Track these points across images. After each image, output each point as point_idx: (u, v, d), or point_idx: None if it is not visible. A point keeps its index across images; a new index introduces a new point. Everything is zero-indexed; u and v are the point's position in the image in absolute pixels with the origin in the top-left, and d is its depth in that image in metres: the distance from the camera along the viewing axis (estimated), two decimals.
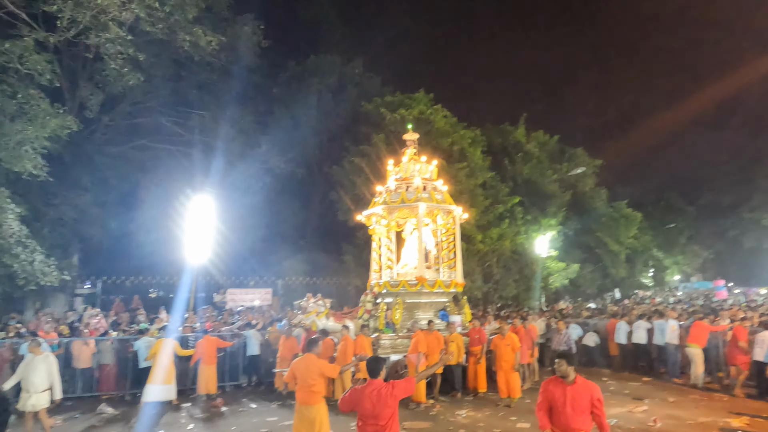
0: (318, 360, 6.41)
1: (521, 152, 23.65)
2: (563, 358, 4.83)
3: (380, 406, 4.55)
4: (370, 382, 4.77)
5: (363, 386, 4.71)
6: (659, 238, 37.59)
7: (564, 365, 4.73)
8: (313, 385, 6.22)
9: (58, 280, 13.89)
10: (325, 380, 6.47)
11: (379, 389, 4.64)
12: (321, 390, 6.34)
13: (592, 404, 4.66)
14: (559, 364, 4.78)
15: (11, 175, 13.99)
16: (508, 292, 19.47)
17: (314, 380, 6.23)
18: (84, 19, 13.29)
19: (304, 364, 6.30)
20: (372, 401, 4.59)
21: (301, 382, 6.25)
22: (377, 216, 12.96)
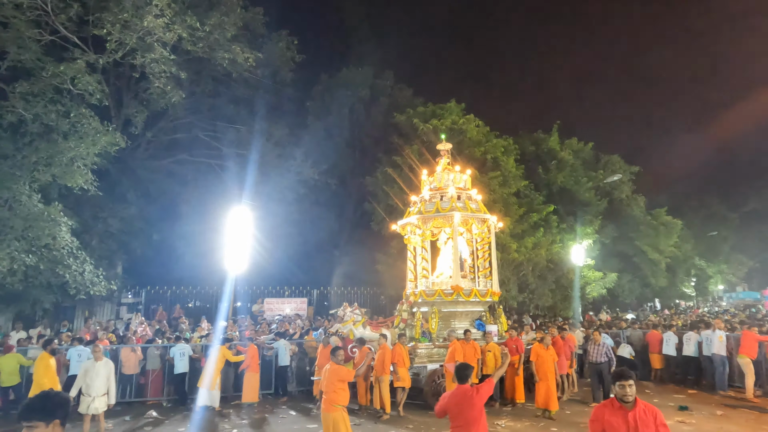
0: (336, 366, 6.60)
1: (555, 160, 23.38)
2: (629, 378, 4.08)
3: (467, 408, 4.85)
4: (458, 387, 5.05)
5: (452, 391, 5.04)
6: (701, 246, 36.37)
7: (632, 386, 4.04)
8: (332, 392, 6.41)
9: (105, 289, 14.51)
10: (344, 388, 6.55)
11: (465, 392, 4.94)
12: (338, 399, 6.44)
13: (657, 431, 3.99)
14: (624, 385, 4.04)
15: (63, 189, 14.77)
16: (544, 302, 19.19)
17: (334, 388, 6.42)
18: (131, 40, 13.97)
19: (327, 373, 6.55)
20: (460, 404, 4.91)
21: (324, 390, 6.51)
22: (412, 226, 13.06)
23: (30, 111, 12.95)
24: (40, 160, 13.15)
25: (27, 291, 14.11)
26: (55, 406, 2.72)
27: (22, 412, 2.67)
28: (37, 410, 2.66)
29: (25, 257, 12.71)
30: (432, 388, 10.82)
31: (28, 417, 2.64)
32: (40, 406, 2.68)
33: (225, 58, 16.84)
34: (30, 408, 2.67)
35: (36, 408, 2.67)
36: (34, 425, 2.63)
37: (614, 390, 4.13)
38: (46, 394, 2.79)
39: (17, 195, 12.95)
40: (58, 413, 2.72)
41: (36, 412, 2.65)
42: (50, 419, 2.68)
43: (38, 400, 2.72)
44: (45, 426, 2.66)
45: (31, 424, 2.63)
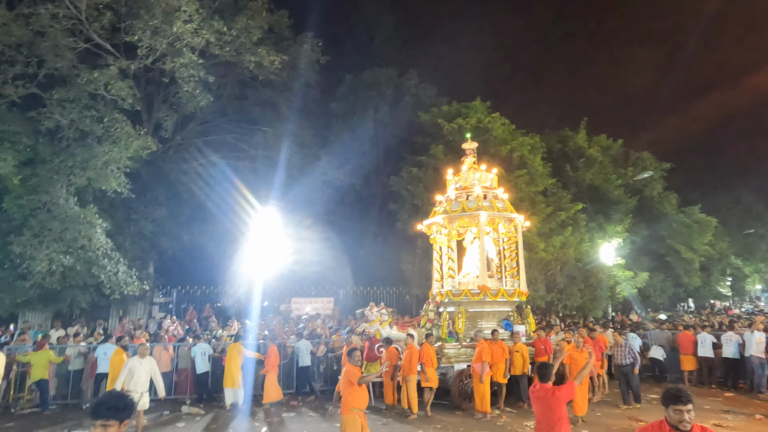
0: (350, 367, 6.58)
1: (583, 158, 22.97)
2: (688, 402, 3.41)
3: (547, 409, 4.90)
4: (541, 386, 5.07)
5: (536, 389, 5.08)
6: (737, 244, 35.14)
7: (691, 412, 3.40)
8: (346, 394, 6.40)
9: (139, 289, 14.92)
10: (357, 390, 6.45)
11: (545, 392, 4.96)
12: (351, 401, 6.36)
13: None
14: (681, 411, 3.38)
15: (97, 192, 15.25)
16: (572, 302, 18.87)
17: (345, 389, 6.43)
18: (161, 46, 14.32)
19: (342, 374, 6.63)
20: (540, 404, 4.97)
21: (341, 392, 6.58)
22: (438, 225, 13.03)
23: (66, 117, 13.43)
24: (76, 165, 13.62)
25: (64, 291, 14.60)
26: (127, 405, 2.81)
27: (96, 409, 2.73)
28: (113, 409, 2.72)
29: (63, 258, 13.19)
30: (459, 389, 10.78)
31: (104, 415, 2.70)
32: (116, 406, 2.75)
33: (251, 61, 17.09)
34: (106, 406, 2.73)
35: (112, 407, 2.73)
36: (110, 423, 2.70)
37: (668, 414, 3.44)
38: (120, 395, 2.88)
39: (55, 198, 13.45)
40: (129, 413, 2.80)
41: (112, 410, 2.72)
42: (123, 418, 2.78)
43: (114, 399, 2.79)
44: (118, 425, 2.74)
45: (108, 423, 2.70)
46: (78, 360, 11.83)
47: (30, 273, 13.12)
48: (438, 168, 18.42)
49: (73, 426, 9.40)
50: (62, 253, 13.18)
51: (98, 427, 2.71)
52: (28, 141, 13.75)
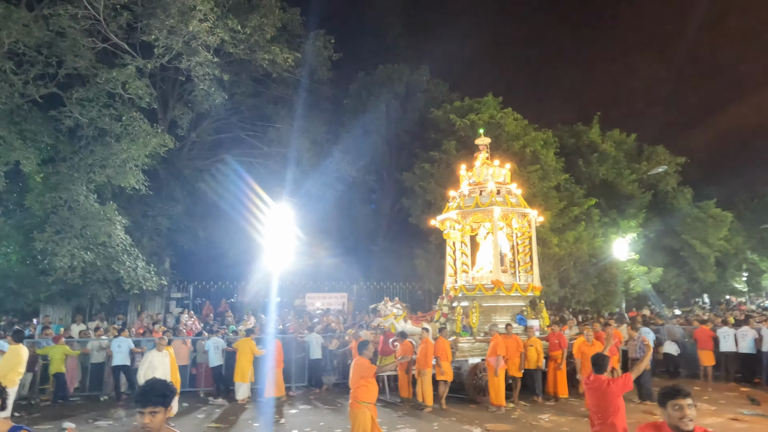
0: (360, 360, 6.53)
1: (596, 152, 22.84)
2: (687, 396, 3.09)
3: (601, 399, 4.84)
4: (595, 377, 5.01)
5: (590, 380, 5.03)
6: (754, 239, 34.65)
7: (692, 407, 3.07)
8: (356, 388, 6.33)
9: (157, 284, 15.21)
10: (366, 384, 6.40)
11: (600, 384, 4.90)
12: (360, 395, 6.31)
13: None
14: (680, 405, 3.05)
15: (116, 189, 15.55)
16: (586, 297, 18.83)
17: (356, 382, 6.34)
18: (177, 45, 14.51)
19: (352, 368, 6.54)
20: (594, 395, 4.93)
21: (351, 386, 6.48)
22: (451, 221, 13.11)
23: (86, 115, 13.69)
24: (95, 162, 13.90)
25: (85, 286, 14.92)
26: (172, 393, 2.92)
27: (144, 397, 2.82)
28: (160, 396, 2.83)
29: (84, 254, 13.47)
30: (473, 382, 10.89)
31: (153, 402, 2.80)
32: (162, 392, 2.85)
33: (265, 59, 17.26)
34: (153, 394, 2.83)
35: (159, 393, 2.84)
36: (158, 410, 2.81)
37: (667, 414, 3.09)
38: (163, 382, 2.97)
39: (75, 195, 13.73)
40: (171, 399, 2.92)
41: (159, 397, 2.82)
42: (168, 404, 2.88)
43: (160, 386, 2.90)
44: (164, 411, 2.86)
45: (156, 409, 2.80)
46: (100, 354, 12.14)
47: (52, 269, 13.43)
48: (450, 164, 18.46)
49: (97, 416, 9.67)
50: (83, 249, 13.47)
51: (147, 415, 2.80)
52: (49, 140, 14.05)
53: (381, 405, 10.51)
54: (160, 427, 2.84)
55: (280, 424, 9.25)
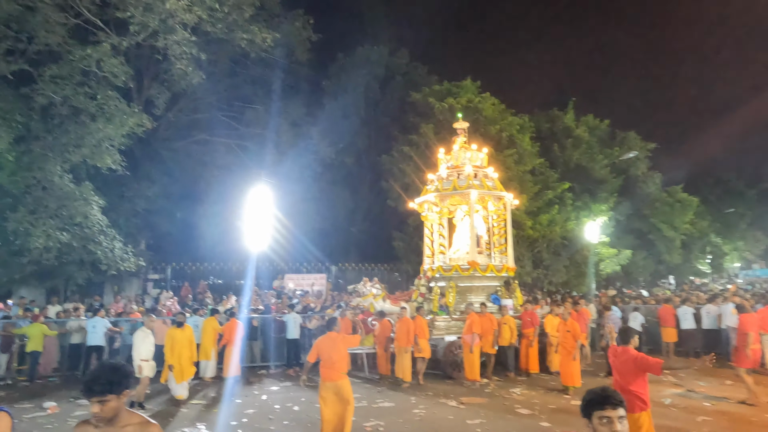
0: (339, 335, 6.64)
1: (570, 137, 23.38)
2: (618, 405, 2.35)
3: (627, 369, 5.08)
4: (623, 349, 5.23)
5: (618, 351, 5.26)
6: (717, 223, 36.09)
7: (623, 420, 2.34)
8: (335, 362, 6.34)
9: (135, 265, 15.16)
10: (347, 358, 6.54)
11: (627, 355, 5.14)
12: (343, 367, 6.44)
13: None
14: (609, 419, 2.32)
15: (91, 170, 15.31)
16: (558, 278, 19.50)
17: (338, 356, 6.37)
18: (153, 23, 14.24)
19: (327, 342, 6.46)
20: (621, 364, 5.16)
21: (325, 359, 6.40)
22: (429, 203, 13.39)
23: (59, 93, 13.40)
24: (70, 142, 13.67)
25: (61, 267, 14.78)
26: (124, 376, 2.55)
27: (90, 386, 2.44)
28: (108, 383, 2.45)
29: (60, 235, 13.33)
30: (450, 359, 11.29)
31: (99, 391, 2.42)
32: (109, 379, 2.47)
33: (243, 38, 17.04)
34: (99, 382, 2.44)
35: (106, 381, 2.46)
36: (107, 399, 2.44)
37: (590, 426, 2.39)
38: (113, 366, 2.58)
39: (49, 175, 13.51)
40: (126, 384, 2.56)
41: (106, 385, 2.45)
42: (121, 391, 2.51)
43: (107, 372, 2.50)
44: (117, 398, 2.49)
45: (105, 398, 2.43)
46: (78, 334, 12.13)
47: (26, 249, 13.26)
48: (429, 147, 18.70)
49: (78, 396, 9.73)
50: (59, 230, 13.32)
51: (95, 405, 2.43)
52: (21, 118, 13.71)
53: (361, 381, 10.89)
54: (115, 414, 2.50)
55: (262, 400, 9.48)
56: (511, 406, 8.72)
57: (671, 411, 8.18)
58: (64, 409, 8.77)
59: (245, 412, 8.47)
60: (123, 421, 2.55)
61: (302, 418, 8.09)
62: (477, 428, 7.42)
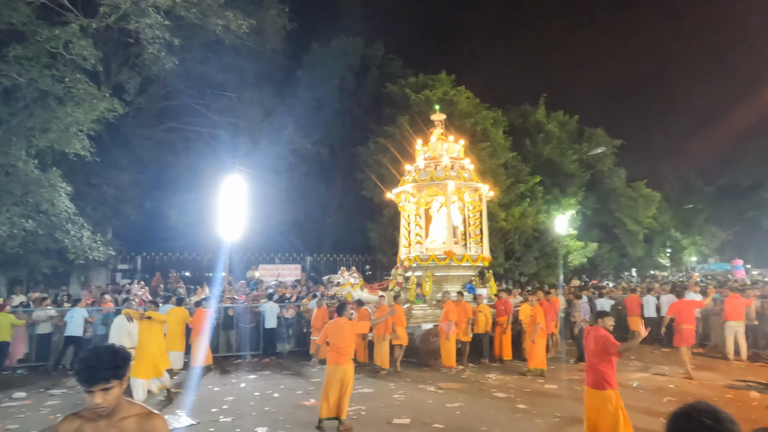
0: (348, 322, 7.02)
1: (542, 132, 23.90)
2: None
3: (597, 347, 5.45)
4: (596, 328, 5.62)
5: (591, 329, 5.67)
6: (677, 218, 37.64)
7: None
8: (341, 347, 6.69)
9: (105, 255, 14.72)
10: (353, 343, 6.93)
11: (598, 334, 5.50)
12: (349, 352, 6.78)
13: None
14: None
15: (57, 155, 14.77)
16: (528, 269, 19.99)
17: (345, 342, 6.71)
18: (125, 5, 13.81)
19: (335, 327, 6.79)
20: (593, 342, 5.52)
21: (333, 344, 6.73)
22: (407, 194, 13.52)
23: (24, 76, 12.83)
24: (35, 126, 13.11)
25: (25, 256, 14.25)
26: (125, 358, 2.28)
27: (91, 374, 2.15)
28: (110, 368, 2.18)
29: (24, 222, 12.84)
30: (426, 346, 11.47)
31: (103, 377, 2.15)
32: (113, 363, 2.20)
33: (218, 24, 16.68)
34: (102, 367, 2.16)
35: (109, 366, 2.18)
36: (111, 385, 2.17)
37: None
38: (112, 349, 2.28)
39: (13, 161, 12.96)
40: (127, 367, 2.30)
41: (110, 370, 2.18)
42: (123, 375, 2.25)
43: (109, 356, 2.22)
44: (120, 385, 2.22)
45: (109, 385, 2.16)
46: (46, 324, 11.77)
47: None
48: (405, 138, 18.81)
49: (50, 385, 9.49)
50: (23, 217, 12.82)
51: (98, 394, 2.14)
52: None
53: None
54: (117, 403, 2.22)
55: (240, 387, 9.44)
56: (487, 391, 8.96)
57: (639, 393, 8.58)
58: (36, 399, 8.54)
59: (225, 399, 8.44)
60: (123, 412, 2.26)
61: (283, 404, 8.11)
62: (457, 411, 7.61)
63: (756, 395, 8.30)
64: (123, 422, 2.25)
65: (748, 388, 8.85)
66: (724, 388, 8.89)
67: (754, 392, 8.50)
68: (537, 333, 10.28)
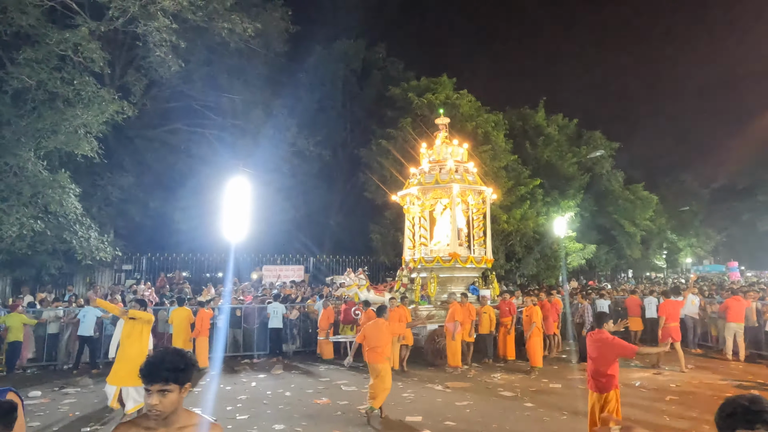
0: (387, 323, 7.48)
1: (542, 135, 24.17)
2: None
3: (601, 352, 5.40)
4: (598, 331, 5.56)
5: (594, 333, 5.58)
6: (673, 220, 38.03)
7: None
8: (378, 346, 7.22)
9: (111, 255, 14.87)
10: (389, 343, 7.48)
11: (602, 337, 5.46)
12: (386, 351, 7.32)
13: None
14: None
15: (63, 157, 14.91)
16: (529, 271, 20.24)
17: (381, 342, 7.24)
18: (133, 8, 13.97)
19: (375, 328, 7.31)
20: (596, 346, 5.47)
21: (371, 343, 7.25)
22: (412, 196, 13.72)
23: (34, 78, 12.99)
24: (45, 128, 13.27)
25: (33, 256, 14.37)
26: (189, 365, 2.21)
27: (152, 371, 2.12)
28: (173, 370, 2.12)
29: (33, 223, 12.97)
30: (432, 347, 11.68)
31: (163, 377, 2.11)
32: (176, 365, 2.14)
33: (224, 27, 16.88)
34: (164, 367, 2.12)
35: (171, 367, 2.12)
36: (169, 388, 2.11)
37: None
38: (180, 352, 2.22)
39: (22, 162, 13.10)
40: (190, 374, 2.21)
41: (172, 371, 2.12)
42: (185, 381, 2.17)
43: (174, 357, 2.16)
44: (179, 391, 2.15)
45: (167, 387, 2.11)
46: (54, 324, 11.91)
47: None
48: (407, 141, 19.02)
49: (63, 384, 9.64)
50: (33, 218, 12.96)
51: (155, 394, 2.10)
52: None
53: (346, 369, 11.14)
54: (173, 410, 2.14)
55: (251, 387, 9.61)
56: (494, 390, 9.18)
57: (642, 392, 8.82)
58: (52, 397, 8.69)
59: (238, 398, 8.61)
60: (180, 421, 2.18)
61: (296, 402, 8.30)
62: (466, 409, 7.82)
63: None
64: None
65: (746, 387, 9.10)
66: (724, 387, 9.13)
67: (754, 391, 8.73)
68: (531, 331, 10.74)
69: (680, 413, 7.41)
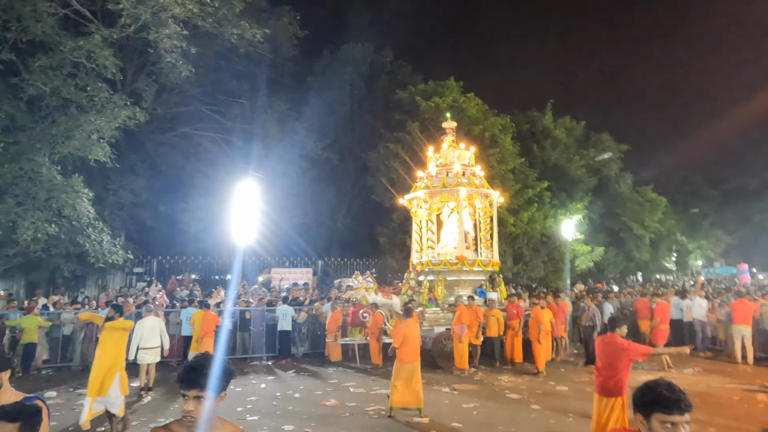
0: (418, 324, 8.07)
1: (549, 138, 24.18)
2: (685, 410, 2.05)
3: (614, 356, 5.27)
4: (611, 335, 5.43)
5: (607, 337, 5.41)
6: (683, 222, 37.75)
7: (687, 425, 2.05)
8: (417, 347, 7.85)
9: (123, 258, 15.12)
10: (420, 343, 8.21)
11: (615, 341, 5.30)
12: (419, 350, 7.92)
13: None
14: (674, 423, 2.03)
15: (77, 162, 15.21)
16: (536, 274, 20.25)
17: (417, 342, 7.90)
18: (145, 16, 14.23)
19: (412, 329, 7.76)
20: (607, 350, 5.33)
21: (411, 343, 7.72)
22: (419, 200, 13.82)
23: (48, 84, 13.28)
24: (59, 133, 13.56)
25: (47, 259, 14.65)
26: (228, 375, 2.22)
27: (190, 377, 2.12)
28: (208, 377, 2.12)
29: (48, 227, 13.24)
30: (439, 349, 11.76)
31: (200, 384, 2.10)
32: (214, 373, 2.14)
33: (234, 33, 17.12)
34: (202, 372, 2.12)
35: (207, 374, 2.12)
36: (204, 395, 2.11)
37: (649, 426, 2.09)
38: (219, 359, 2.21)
39: (37, 167, 13.39)
40: (228, 383, 2.22)
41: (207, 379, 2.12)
42: (221, 390, 2.18)
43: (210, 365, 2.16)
44: (214, 398, 2.14)
45: (202, 395, 2.11)
46: (69, 326, 12.13)
47: (13, 241, 13.12)
48: (415, 144, 19.13)
49: (78, 385, 9.83)
50: (47, 222, 13.23)
51: (191, 400, 2.10)
52: (8, 108, 13.54)
53: (355, 371, 11.29)
54: (208, 417, 2.13)
55: (261, 388, 9.76)
56: (501, 392, 9.25)
57: None
58: (67, 398, 8.89)
59: (248, 399, 8.75)
60: (214, 429, 2.19)
61: (305, 403, 8.42)
62: (473, 411, 7.90)
63: (764, 397, 8.56)
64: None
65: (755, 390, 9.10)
66: (732, 390, 9.14)
67: (761, 394, 8.75)
68: (541, 334, 11.03)
69: None
